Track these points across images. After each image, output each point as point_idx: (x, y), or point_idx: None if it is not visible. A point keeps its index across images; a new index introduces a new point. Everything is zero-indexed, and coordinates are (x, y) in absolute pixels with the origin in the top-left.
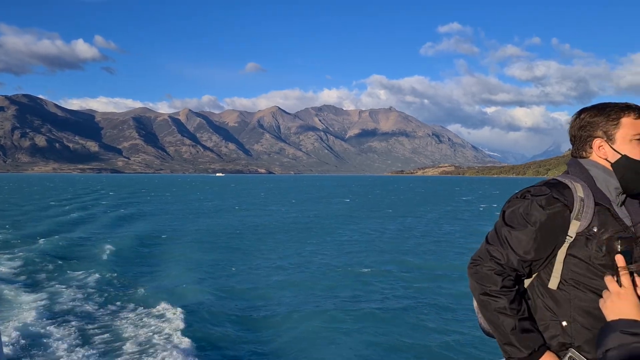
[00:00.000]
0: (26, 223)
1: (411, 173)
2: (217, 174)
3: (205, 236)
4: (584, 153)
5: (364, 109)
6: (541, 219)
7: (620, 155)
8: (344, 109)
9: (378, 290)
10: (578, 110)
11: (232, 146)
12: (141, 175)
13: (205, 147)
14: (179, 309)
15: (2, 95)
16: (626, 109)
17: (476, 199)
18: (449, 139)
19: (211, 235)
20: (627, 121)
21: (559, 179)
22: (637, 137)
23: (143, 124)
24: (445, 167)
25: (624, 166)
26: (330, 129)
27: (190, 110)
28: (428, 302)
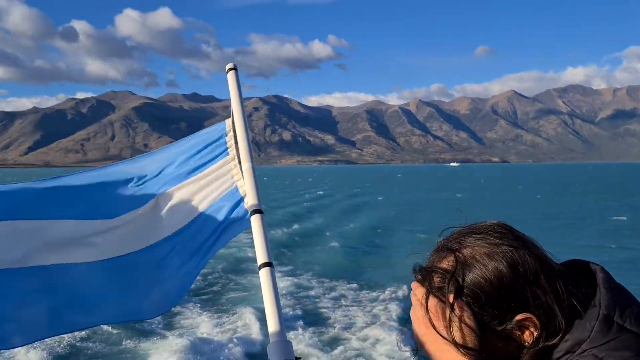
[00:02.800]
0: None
1: None
2: (452, 164)
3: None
4: None
5: (619, 87)
6: None
7: None
8: (594, 88)
9: None
10: None
11: (463, 135)
12: (374, 167)
13: (435, 137)
14: None
15: (257, 97)
16: None
17: None
18: None
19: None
20: None
21: None
22: None
23: (375, 116)
24: None
25: None
26: (577, 111)
27: (420, 100)
28: None
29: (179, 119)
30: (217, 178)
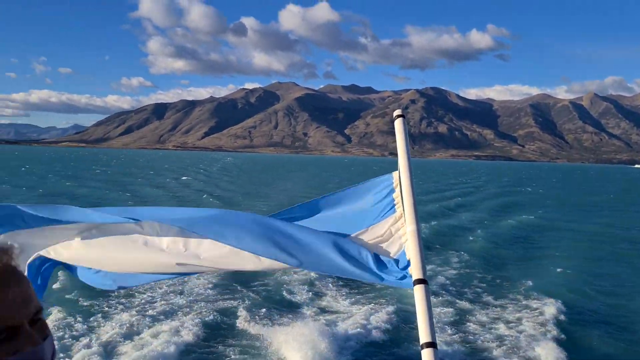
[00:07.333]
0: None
1: None
2: (637, 166)
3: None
4: None
5: None
6: None
7: None
8: None
9: None
10: None
11: None
12: (537, 164)
13: (610, 135)
14: (552, 300)
15: (414, 89)
16: None
17: None
18: None
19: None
20: None
21: None
22: None
23: (540, 111)
24: None
25: None
26: None
27: (595, 94)
28: None
29: (337, 109)
30: (386, 239)
